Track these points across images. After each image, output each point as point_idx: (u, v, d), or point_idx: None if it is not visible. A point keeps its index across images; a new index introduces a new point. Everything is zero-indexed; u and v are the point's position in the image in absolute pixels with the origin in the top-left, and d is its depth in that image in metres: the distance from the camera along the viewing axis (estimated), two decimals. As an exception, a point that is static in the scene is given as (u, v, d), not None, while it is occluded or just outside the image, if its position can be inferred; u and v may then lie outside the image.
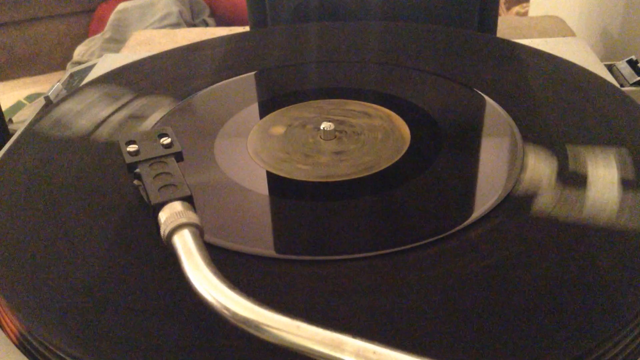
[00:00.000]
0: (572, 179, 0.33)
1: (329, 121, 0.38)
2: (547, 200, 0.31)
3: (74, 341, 0.25)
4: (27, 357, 0.26)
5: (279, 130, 0.39)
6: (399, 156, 0.36)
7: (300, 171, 0.35)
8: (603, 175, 0.32)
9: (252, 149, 0.37)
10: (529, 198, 0.31)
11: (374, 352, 0.20)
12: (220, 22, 1.70)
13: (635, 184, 0.31)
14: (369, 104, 0.41)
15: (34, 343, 0.26)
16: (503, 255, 0.28)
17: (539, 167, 0.33)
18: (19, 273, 0.29)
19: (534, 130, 0.37)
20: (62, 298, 0.27)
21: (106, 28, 1.61)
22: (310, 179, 0.34)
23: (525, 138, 0.36)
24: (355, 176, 0.34)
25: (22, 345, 0.27)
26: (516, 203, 0.31)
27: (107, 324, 0.25)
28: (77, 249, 0.30)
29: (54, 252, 0.30)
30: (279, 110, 0.41)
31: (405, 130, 0.38)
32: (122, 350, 0.24)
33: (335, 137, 0.38)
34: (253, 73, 0.46)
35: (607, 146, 0.35)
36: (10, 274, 0.28)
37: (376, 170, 0.35)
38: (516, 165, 0.34)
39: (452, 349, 0.24)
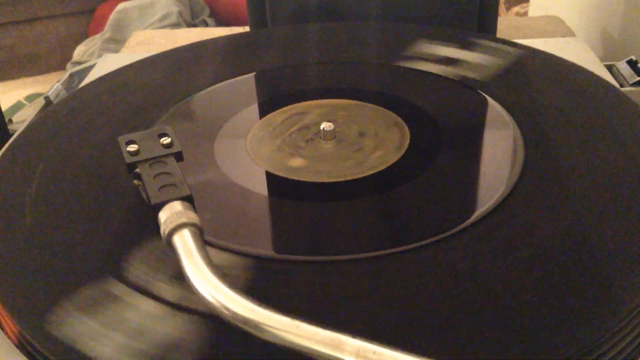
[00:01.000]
0: (572, 177, 0.33)
1: (329, 121, 0.38)
2: (547, 200, 0.31)
3: (72, 345, 0.25)
4: (27, 357, 0.26)
5: (279, 131, 0.39)
6: (399, 156, 0.36)
7: (300, 171, 0.35)
8: (602, 171, 0.32)
9: (252, 149, 0.37)
10: (529, 198, 0.31)
11: (374, 352, 0.20)
12: (220, 22, 1.70)
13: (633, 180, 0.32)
14: (368, 104, 0.41)
15: (34, 343, 0.26)
16: (503, 255, 0.28)
17: (539, 167, 0.33)
18: (17, 275, 0.28)
19: (534, 130, 0.37)
20: (61, 301, 0.27)
21: (106, 28, 1.61)
22: (310, 180, 0.34)
23: (525, 138, 0.36)
24: (355, 176, 0.34)
25: (22, 345, 0.27)
26: (516, 203, 0.31)
27: (106, 326, 0.25)
28: (77, 251, 0.30)
29: (53, 253, 0.30)
30: (279, 110, 0.41)
31: (405, 130, 0.38)
32: (121, 353, 0.24)
33: (335, 137, 0.38)
34: (253, 73, 0.46)
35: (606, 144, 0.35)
36: (9, 276, 0.28)
37: (376, 171, 0.35)
38: (516, 165, 0.34)
39: (452, 349, 0.24)
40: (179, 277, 0.24)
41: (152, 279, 0.28)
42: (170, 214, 0.26)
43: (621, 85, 0.46)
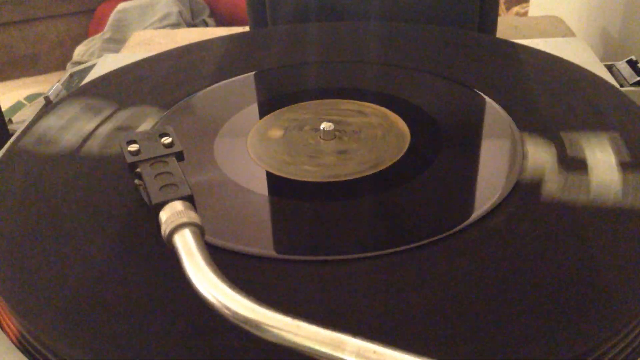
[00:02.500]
0: (572, 178, 0.33)
1: (329, 121, 0.38)
2: (546, 200, 0.31)
3: (73, 343, 0.25)
4: (27, 357, 0.26)
5: (279, 130, 0.39)
6: (399, 156, 0.36)
7: (299, 171, 0.35)
8: (602, 172, 0.32)
9: (252, 149, 0.37)
10: (528, 198, 0.31)
11: (374, 352, 0.20)
12: (220, 22, 1.70)
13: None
14: (369, 104, 0.41)
15: (34, 343, 0.26)
16: (503, 255, 0.28)
17: (539, 167, 0.33)
18: (18, 275, 0.28)
19: (534, 130, 0.37)
20: (61, 300, 0.27)
21: (106, 28, 1.61)
22: (310, 179, 0.34)
23: (525, 138, 0.36)
24: (355, 176, 0.34)
25: (22, 345, 0.27)
26: (516, 203, 0.31)
27: (106, 326, 0.25)
28: (76, 251, 0.30)
29: (53, 253, 0.30)
30: (279, 110, 0.41)
31: (405, 130, 0.38)
32: (121, 352, 0.24)
33: (335, 137, 0.38)
34: (253, 73, 0.46)
35: (604, 141, 0.35)
36: (9, 276, 0.28)
37: (376, 171, 0.35)
38: (516, 165, 0.34)
39: (452, 349, 0.24)
40: (182, 277, 0.24)
41: (152, 279, 0.28)
42: (171, 213, 0.26)
43: (621, 85, 0.46)
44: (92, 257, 0.29)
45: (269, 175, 0.35)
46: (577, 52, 0.50)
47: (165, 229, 0.26)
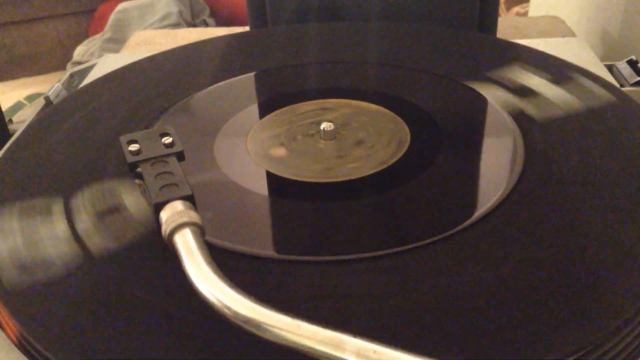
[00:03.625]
0: (573, 177, 0.33)
1: (329, 121, 0.38)
2: (546, 200, 0.31)
3: (72, 345, 0.25)
4: (27, 357, 0.26)
5: (279, 130, 0.39)
6: (399, 156, 0.36)
7: (299, 171, 0.35)
8: (603, 171, 0.32)
9: (252, 149, 0.37)
10: (529, 198, 0.31)
11: (374, 351, 0.20)
12: (220, 22, 1.70)
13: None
14: (369, 104, 0.41)
15: (34, 343, 0.26)
16: (503, 255, 0.28)
17: (539, 167, 0.33)
18: (18, 275, 0.28)
19: (534, 130, 0.37)
20: (61, 301, 0.27)
21: (106, 28, 1.61)
22: (310, 179, 0.34)
23: (525, 138, 0.36)
24: (356, 176, 0.34)
25: (22, 345, 0.27)
26: (516, 203, 0.31)
27: (106, 326, 0.25)
28: (77, 251, 0.30)
29: (52, 254, 0.30)
30: (279, 110, 0.41)
31: (405, 130, 0.38)
32: (121, 352, 0.24)
33: (335, 137, 0.38)
34: (253, 73, 0.47)
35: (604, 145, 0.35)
36: (9, 276, 0.28)
37: (376, 171, 0.35)
38: (516, 165, 0.34)
39: (452, 348, 0.24)
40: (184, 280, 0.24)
41: (152, 281, 0.28)
42: (172, 213, 0.26)
43: (621, 85, 0.46)
44: (92, 259, 0.29)
45: (269, 175, 0.35)
46: (577, 52, 0.50)
47: (165, 229, 0.26)
